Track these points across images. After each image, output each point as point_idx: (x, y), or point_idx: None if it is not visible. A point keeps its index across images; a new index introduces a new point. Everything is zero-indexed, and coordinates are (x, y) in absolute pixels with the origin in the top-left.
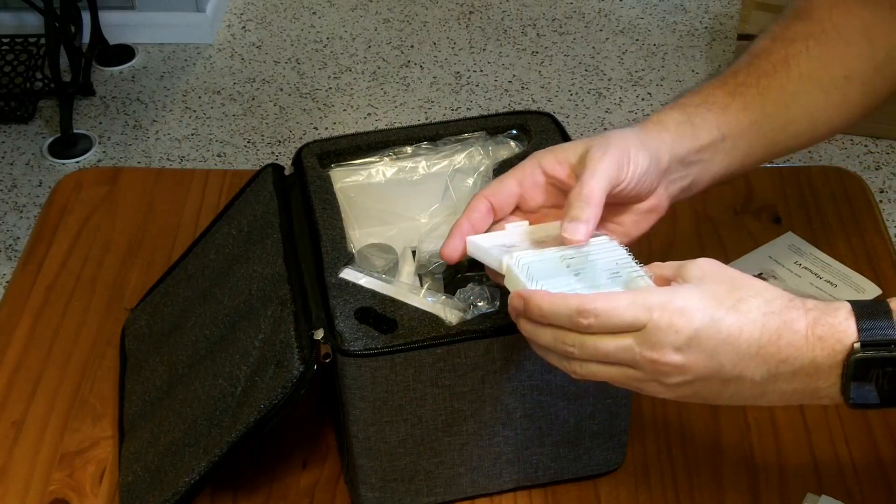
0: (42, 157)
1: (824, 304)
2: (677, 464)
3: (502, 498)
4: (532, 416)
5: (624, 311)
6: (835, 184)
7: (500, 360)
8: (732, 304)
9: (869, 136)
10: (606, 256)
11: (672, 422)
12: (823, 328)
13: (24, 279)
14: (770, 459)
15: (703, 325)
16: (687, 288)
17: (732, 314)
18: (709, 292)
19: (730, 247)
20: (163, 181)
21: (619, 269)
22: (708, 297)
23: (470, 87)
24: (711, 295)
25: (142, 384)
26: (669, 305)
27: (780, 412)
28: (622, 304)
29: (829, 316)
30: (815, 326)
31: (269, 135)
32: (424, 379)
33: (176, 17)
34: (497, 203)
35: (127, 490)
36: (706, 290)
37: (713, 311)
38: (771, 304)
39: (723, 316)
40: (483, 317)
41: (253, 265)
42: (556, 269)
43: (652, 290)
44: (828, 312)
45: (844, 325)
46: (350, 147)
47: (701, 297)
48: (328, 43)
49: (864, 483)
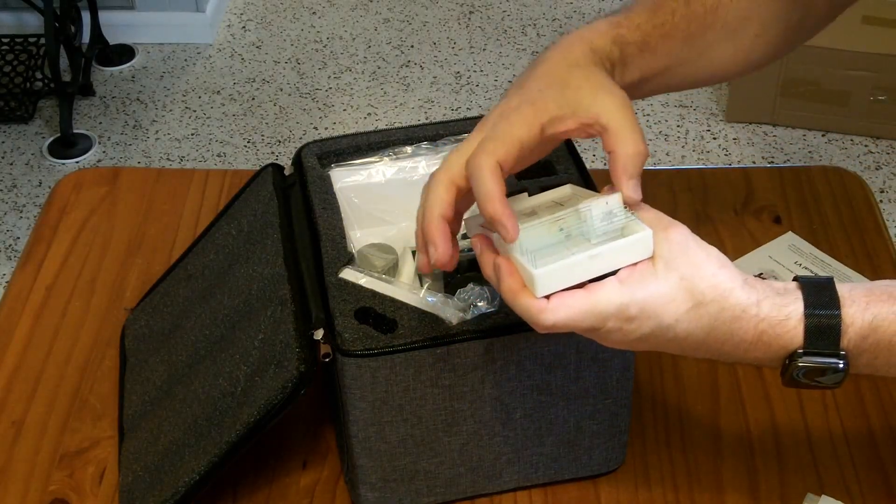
0: (42, 157)
1: (777, 309)
2: (677, 464)
3: (502, 498)
4: (532, 416)
5: (581, 322)
6: (835, 184)
7: (500, 360)
8: (687, 309)
9: (869, 136)
10: (596, 210)
11: (672, 422)
12: (770, 337)
13: (24, 279)
14: (770, 459)
15: (652, 330)
16: (645, 287)
17: (683, 323)
18: (666, 296)
19: (730, 247)
20: (163, 181)
21: (611, 219)
22: (664, 301)
23: (470, 87)
24: (668, 299)
25: (142, 384)
26: (624, 313)
27: (780, 412)
28: (576, 315)
29: (778, 327)
30: (762, 335)
31: (269, 135)
32: (424, 379)
33: (176, 17)
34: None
35: (127, 490)
36: (664, 293)
37: (665, 319)
38: (724, 312)
39: (673, 325)
40: (483, 317)
41: (253, 265)
42: (548, 237)
43: (610, 292)
44: (778, 323)
45: (792, 334)
46: (350, 147)
47: (657, 302)
48: (328, 43)
49: (864, 483)
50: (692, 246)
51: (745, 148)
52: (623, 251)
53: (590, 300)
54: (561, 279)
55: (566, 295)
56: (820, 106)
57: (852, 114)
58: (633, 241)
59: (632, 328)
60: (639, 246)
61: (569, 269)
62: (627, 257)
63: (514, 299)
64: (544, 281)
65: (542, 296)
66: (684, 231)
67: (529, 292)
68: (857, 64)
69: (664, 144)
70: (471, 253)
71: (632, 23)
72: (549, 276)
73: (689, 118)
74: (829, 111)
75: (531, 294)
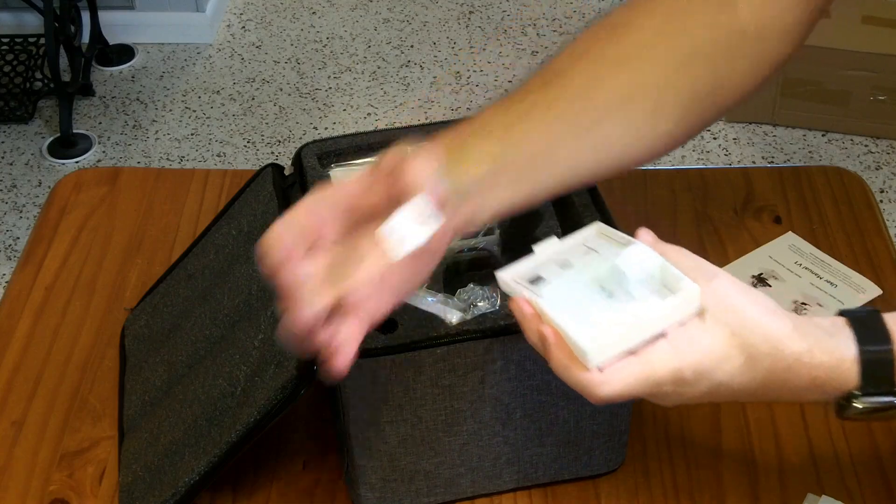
0: (42, 157)
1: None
2: (677, 464)
3: (502, 498)
4: (532, 416)
5: (636, 390)
6: (835, 184)
7: (500, 360)
8: (740, 364)
9: (869, 136)
10: (637, 265)
11: (672, 422)
12: (824, 381)
13: (23, 279)
14: (770, 459)
15: (708, 389)
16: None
17: (738, 378)
18: (719, 354)
19: (730, 247)
20: (162, 181)
21: (655, 275)
22: (717, 359)
23: (470, 87)
24: (721, 357)
25: (142, 384)
26: (679, 378)
27: (780, 412)
28: (632, 384)
29: (832, 371)
30: (816, 380)
31: (269, 135)
32: (424, 379)
33: (176, 17)
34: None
35: (127, 490)
36: (716, 350)
37: (720, 377)
38: (777, 363)
39: (728, 381)
40: (483, 317)
41: (253, 265)
42: (588, 295)
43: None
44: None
45: (846, 376)
46: (350, 147)
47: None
48: (328, 43)
49: (864, 483)
50: (738, 295)
51: (745, 148)
52: (671, 311)
53: (644, 368)
54: (612, 349)
55: (619, 365)
56: (820, 106)
57: (852, 114)
58: (681, 300)
59: (687, 390)
60: (687, 303)
61: (619, 338)
62: (676, 315)
63: (566, 373)
64: (596, 354)
65: (595, 367)
66: (728, 280)
67: (581, 365)
68: (857, 64)
69: None
70: (471, 252)
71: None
72: (600, 350)
73: None
74: (829, 111)
75: (582, 366)
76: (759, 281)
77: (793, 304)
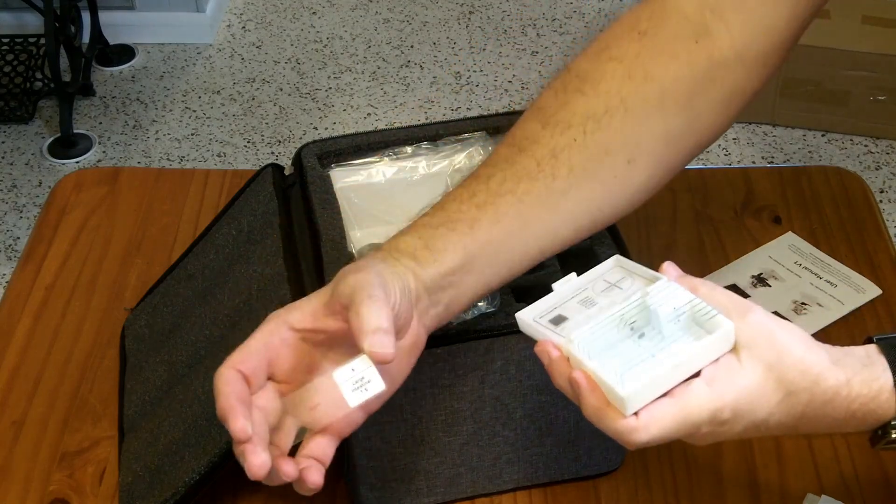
0: (42, 157)
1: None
2: (677, 464)
3: (502, 498)
4: (532, 417)
5: (675, 434)
6: (835, 184)
7: (500, 360)
8: (778, 401)
9: (869, 136)
10: (667, 303)
11: None
12: (863, 413)
13: (24, 279)
14: (770, 459)
15: (745, 427)
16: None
17: (776, 415)
18: (756, 391)
19: (730, 247)
20: (163, 181)
21: (685, 311)
22: (755, 397)
23: (470, 87)
24: (759, 394)
25: (142, 384)
26: (717, 418)
27: None
28: (671, 427)
29: (870, 403)
30: (854, 413)
31: (269, 135)
32: (424, 379)
33: (176, 17)
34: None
35: (127, 490)
36: (753, 388)
37: (759, 415)
38: (815, 398)
39: (766, 418)
40: (483, 317)
41: (253, 265)
42: (617, 336)
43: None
44: (870, 399)
45: (885, 408)
46: (350, 147)
47: (748, 400)
48: (328, 43)
49: (864, 483)
50: (774, 329)
51: (744, 148)
52: (707, 350)
53: (681, 411)
54: (648, 394)
55: (655, 408)
56: (820, 106)
57: (852, 114)
58: (717, 339)
59: (725, 430)
60: (722, 341)
61: (655, 382)
62: (711, 354)
63: (601, 420)
64: (633, 400)
65: (631, 413)
66: (762, 314)
67: (616, 411)
68: (857, 64)
69: None
70: None
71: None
72: (637, 395)
73: None
74: (829, 111)
75: (618, 412)
76: (759, 281)
77: (793, 304)
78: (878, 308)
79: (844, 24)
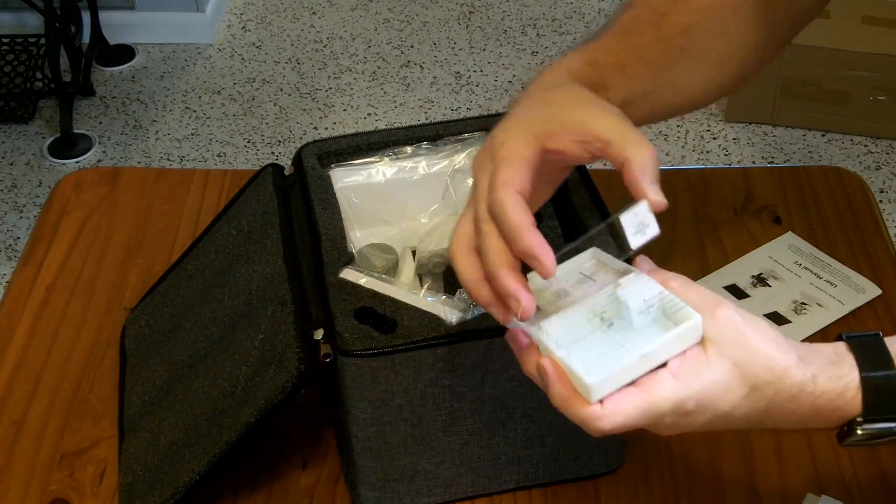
0: (42, 157)
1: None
2: (677, 464)
3: (502, 498)
4: (532, 416)
5: (638, 422)
6: (835, 184)
7: (500, 360)
8: (743, 395)
9: (869, 136)
10: (637, 294)
11: None
12: (829, 410)
13: (24, 279)
14: (770, 459)
15: (709, 420)
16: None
17: (741, 409)
18: (721, 385)
19: (730, 247)
20: (163, 181)
21: (655, 304)
22: (720, 391)
23: (470, 87)
24: (724, 388)
25: (142, 384)
26: (681, 409)
27: None
28: (635, 416)
29: (836, 400)
30: (820, 409)
31: (269, 135)
32: (424, 379)
33: (176, 17)
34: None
35: (127, 490)
36: (719, 382)
37: (722, 408)
38: (780, 393)
39: (730, 412)
40: (483, 317)
41: (253, 265)
42: (587, 326)
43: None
44: (836, 396)
45: (851, 405)
46: (350, 147)
47: (713, 392)
48: (328, 43)
49: (863, 483)
50: (741, 325)
51: (744, 148)
52: (674, 342)
53: (646, 401)
54: (614, 382)
55: (620, 397)
56: (820, 106)
57: (852, 114)
58: (684, 331)
59: (689, 420)
60: (689, 334)
61: (621, 371)
62: (678, 346)
63: (567, 407)
64: (598, 388)
65: (596, 401)
66: (731, 309)
67: (582, 399)
68: (857, 64)
69: (664, 144)
70: None
71: (602, 45)
72: (602, 383)
73: (689, 118)
74: (829, 111)
75: (584, 400)
76: (758, 281)
77: (792, 304)
78: (878, 308)
79: (844, 24)
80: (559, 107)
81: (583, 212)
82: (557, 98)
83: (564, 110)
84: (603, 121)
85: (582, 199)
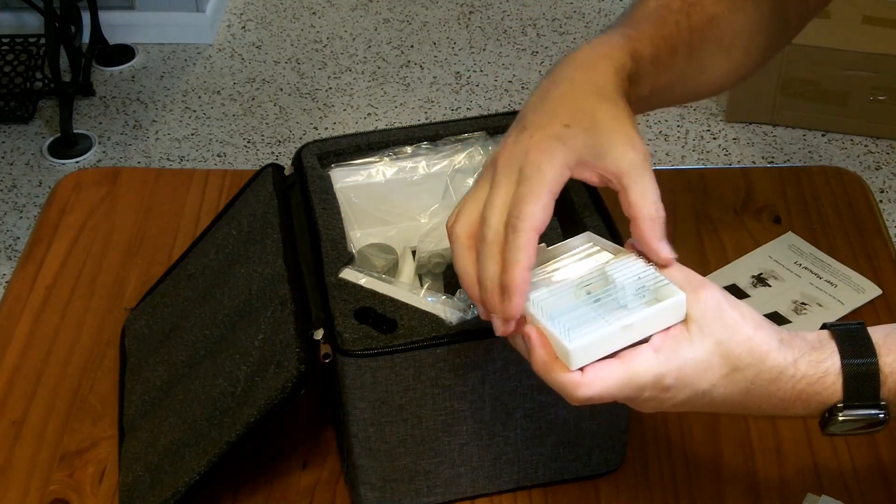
0: (42, 157)
1: (814, 366)
2: (677, 464)
3: (502, 498)
4: (532, 416)
5: (617, 394)
6: (835, 184)
7: (500, 360)
8: (723, 375)
9: (869, 136)
10: (625, 271)
11: (672, 422)
12: (809, 395)
13: (24, 279)
14: (770, 459)
15: (688, 397)
16: (680, 354)
17: (720, 388)
18: (702, 363)
19: (730, 247)
20: (163, 181)
21: (641, 281)
22: (700, 368)
23: (470, 87)
24: (704, 366)
25: (142, 384)
26: (660, 383)
27: None
28: (614, 387)
29: (816, 384)
30: (801, 393)
31: (269, 135)
32: (424, 379)
33: (176, 17)
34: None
35: (127, 490)
36: (699, 359)
37: (702, 386)
38: (760, 375)
39: (710, 390)
40: None
41: (253, 265)
42: (574, 300)
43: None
44: (816, 380)
45: (831, 390)
46: (350, 147)
47: (693, 369)
48: (328, 43)
49: (864, 483)
50: (725, 307)
51: (744, 148)
52: (657, 317)
53: (626, 372)
54: (595, 351)
55: (601, 367)
56: (820, 106)
57: (852, 114)
58: (667, 307)
59: (668, 396)
60: (672, 311)
61: (603, 340)
62: (661, 322)
63: (547, 373)
64: (579, 355)
65: (577, 368)
66: (716, 291)
67: (562, 365)
68: (857, 64)
69: (664, 144)
70: None
71: (644, 36)
72: (583, 350)
73: (689, 118)
74: (829, 111)
75: (564, 367)
76: (758, 281)
77: (792, 303)
78: (878, 308)
79: (844, 24)
80: (607, 134)
81: (583, 211)
82: (606, 121)
83: (610, 140)
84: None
85: (582, 199)
